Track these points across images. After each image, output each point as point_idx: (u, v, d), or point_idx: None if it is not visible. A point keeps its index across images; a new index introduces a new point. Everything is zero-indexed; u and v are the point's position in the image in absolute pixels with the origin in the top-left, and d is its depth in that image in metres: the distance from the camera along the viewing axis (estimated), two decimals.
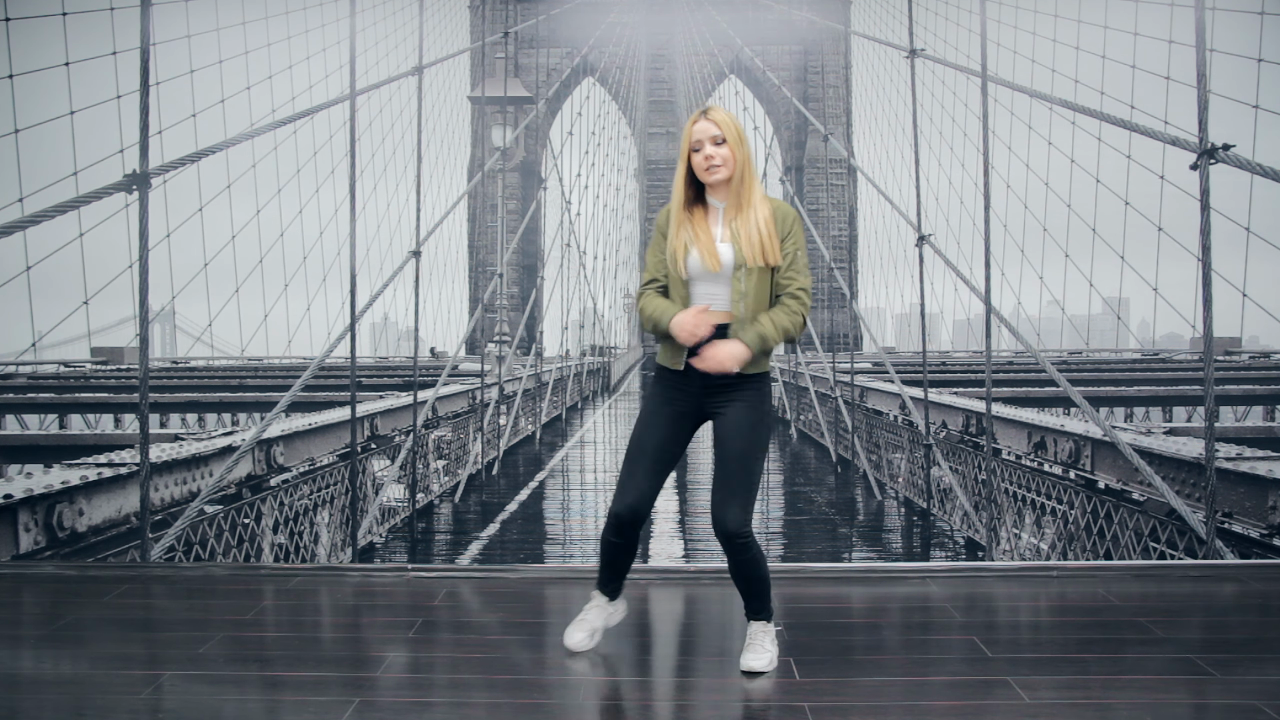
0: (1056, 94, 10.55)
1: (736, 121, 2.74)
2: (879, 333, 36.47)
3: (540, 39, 35.43)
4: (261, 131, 8.47)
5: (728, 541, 2.68)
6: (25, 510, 4.90)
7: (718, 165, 2.69)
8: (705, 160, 2.70)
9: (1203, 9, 4.68)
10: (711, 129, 2.70)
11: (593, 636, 2.84)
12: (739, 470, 2.69)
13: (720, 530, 2.68)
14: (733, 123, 2.72)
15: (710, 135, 2.70)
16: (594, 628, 2.85)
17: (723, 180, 2.72)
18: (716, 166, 2.69)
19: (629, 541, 2.79)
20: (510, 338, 19.80)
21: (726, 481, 2.69)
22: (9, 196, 6.66)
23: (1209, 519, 4.63)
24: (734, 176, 2.73)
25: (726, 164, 2.70)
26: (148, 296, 4.95)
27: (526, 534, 11.54)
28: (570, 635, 2.84)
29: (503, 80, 27.75)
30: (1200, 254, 4.67)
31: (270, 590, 3.67)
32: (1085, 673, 2.67)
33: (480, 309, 25.46)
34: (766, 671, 2.67)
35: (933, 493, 11.31)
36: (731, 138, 2.70)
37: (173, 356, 38.90)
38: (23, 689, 2.67)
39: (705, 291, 2.71)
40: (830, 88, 36.16)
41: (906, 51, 9.86)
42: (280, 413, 7.22)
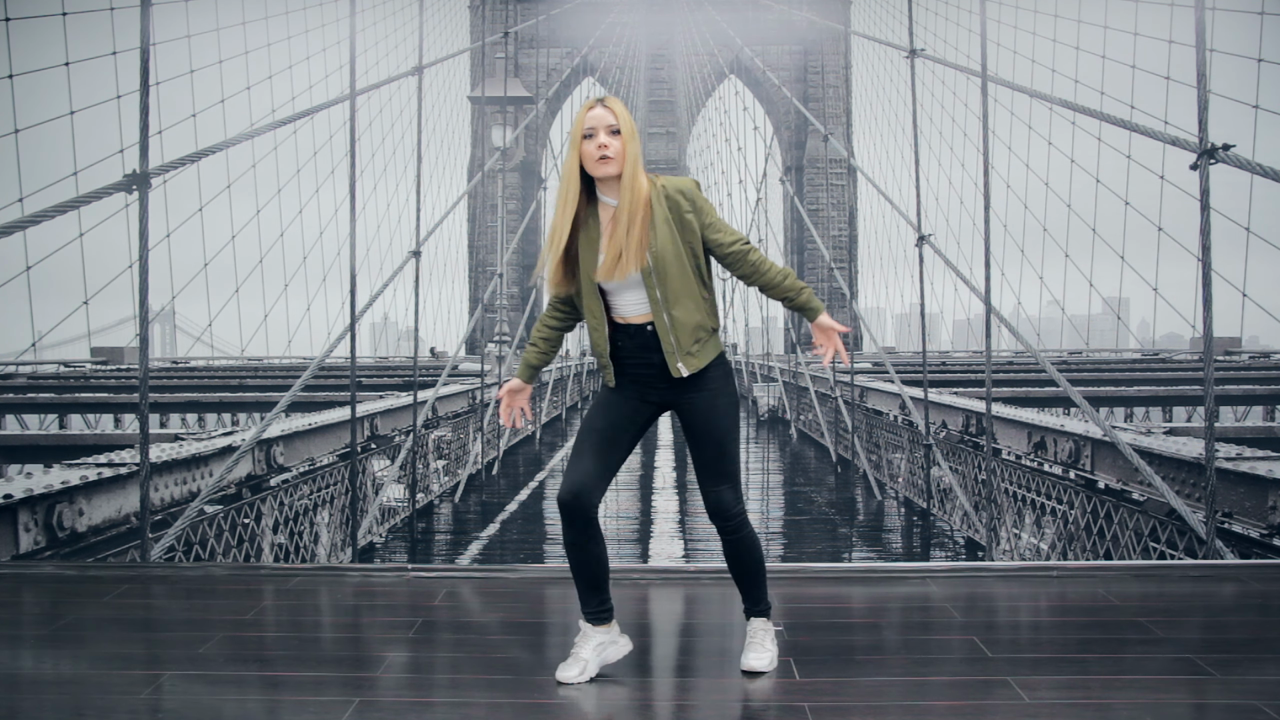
0: (1056, 94, 10.55)
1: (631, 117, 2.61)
2: (879, 333, 36.46)
3: (540, 39, 35.42)
4: (261, 131, 8.47)
5: (726, 523, 2.64)
6: (25, 510, 4.91)
7: (609, 156, 2.53)
8: (598, 149, 2.52)
9: (1203, 9, 4.68)
10: (608, 117, 2.55)
11: (585, 670, 2.63)
12: (722, 454, 2.65)
13: (718, 513, 2.64)
14: (628, 116, 2.59)
15: (606, 124, 2.54)
16: (583, 660, 2.64)
17: (612, 175, 2.55)
18: (608, 157, 2.53)
19: (585, 537, 2.60)
20: (510, 338, 19.80)
21: (713, 466, 2.64)
22: (9, 196, 6.65)
23: (1209, 519, 4.63)
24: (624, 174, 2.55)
25: (618, 158, 2.54)
26: (148, 296, 4.95)
27: (526, 534, 11.54)
28: (563, 671, 2.64)
29: (503, 80, 27.76)
30: (1200, 254, 4.67)
31: (270, 590, 3.66)
32: (1085, 673, 2.67)
33: (480, 309, 25.45)
34: (768, 672, 2.65)
35: (933, 493, 11.31)
36: (626, 130, 2.55)
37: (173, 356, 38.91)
38: (23, 689, 2.67)
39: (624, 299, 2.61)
40: (830, 88, 36.15)
41: (906, 51, 9.86)
42: (280, 413, 7.22)
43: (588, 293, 2.61)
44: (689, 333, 2.60)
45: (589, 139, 2.55)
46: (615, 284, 2.58)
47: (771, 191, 26.82)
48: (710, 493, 2.65)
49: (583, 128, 2.56)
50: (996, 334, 7.83)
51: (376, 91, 14.61)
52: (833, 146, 20.79)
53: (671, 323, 2.58)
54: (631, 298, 2.60)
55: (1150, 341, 22.43)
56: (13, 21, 7.28)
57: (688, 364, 2.60)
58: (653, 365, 2.62)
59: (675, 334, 2.58)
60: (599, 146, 2.53)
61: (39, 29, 7.62)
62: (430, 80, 25.65)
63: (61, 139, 7.88)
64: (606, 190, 2.60)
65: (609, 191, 2.59)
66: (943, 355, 26.67)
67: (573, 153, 2.58)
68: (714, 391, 2.65)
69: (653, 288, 2.56)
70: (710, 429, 2.64)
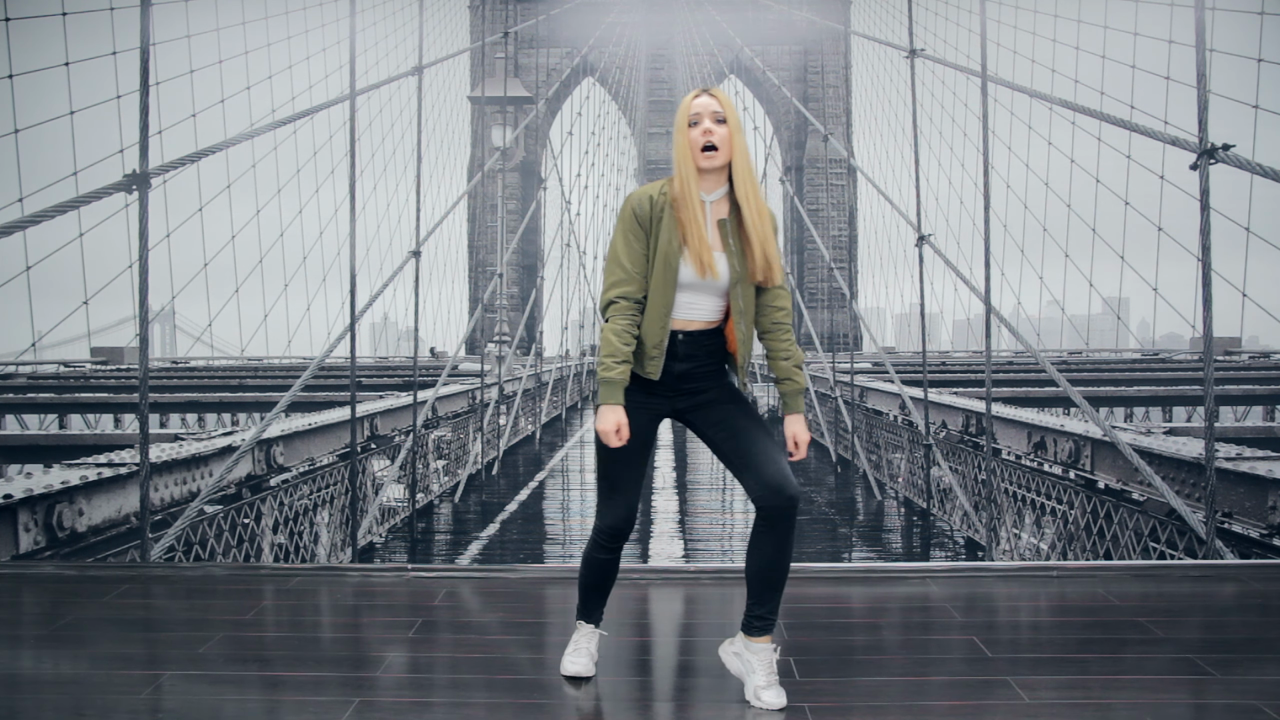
0: (1056, 94, 10.55)
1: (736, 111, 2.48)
2: (879, 333, 36.45)
3: (540, 39, 35.42)
4: (261, 131, 8.47)
5: (792, 504, 2.43)
6: (25, 510, 4.91)
7: (715, 146, 2.40)
8: (703, 135, 2.40)
9: (1203, 9, 4.68)
10: (713, 104, 2.43)
11: (591, 661, 2.65)
12: (769, 440, 2.49)
13: (787, 495, 2.41)
14: (734, 108, 2.46)
15: (711, 111, 2.42)
16: (591, 653, 2.66)
17: (716, 167, 2.43)
18: (714, 147, 2.40)
19: (617, 557, 2.63)
20: (510, 338, 19.81)
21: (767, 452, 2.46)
22: (9, 196, 6.65)
23: (1209, 519, 4.63)
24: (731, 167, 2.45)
25: (724, 147, 2.42)
26: (148, 296, 4.95)
27: (526, 534, 11.54)
28: (575, 663, 2.63)
29: (503, 80, 27.75)
30: (1200, 254, 4.67)
31: (270, 590, 3.67)
32: (1085, 673, 2.67)
33: (480, 309, 25.45)
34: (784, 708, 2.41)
35: (933, 493, 11.31)
36: (733, 122, 2.43)
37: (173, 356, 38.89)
38: (23, 689, 2.67)
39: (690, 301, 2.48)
40: (830, 88, 36.13)
41: (906, 51, 9.86)
42: (280, 413, 7.22)
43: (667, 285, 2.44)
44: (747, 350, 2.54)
45: (694, 127, 2.43)
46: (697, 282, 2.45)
47: (771, 191, 26.84)
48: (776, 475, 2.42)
49: (688, 115, 2.44)
50: (996, 334, 7.83)
51: (376, 91, 14.62)
52: (833, 146, 20.80)
53: (745, 336, 2.50)
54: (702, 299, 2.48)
55: (1150, 341, 22.43)
56: (13, 21, 7.28)
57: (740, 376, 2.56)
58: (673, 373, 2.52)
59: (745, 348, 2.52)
60: (704, 133, 2.41)
61: (39, 29, 7.62)
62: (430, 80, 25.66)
63: (61, 139, 7.88)
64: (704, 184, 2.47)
65: (705, 186, 2.47)
66: (943, 355, 26.66)
67: (681, 139, 2.44)
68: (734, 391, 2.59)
69: (737, 299, 2.47)
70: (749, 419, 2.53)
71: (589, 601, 2.68)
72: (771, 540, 2.46)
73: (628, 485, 2.56)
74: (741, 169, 2.45)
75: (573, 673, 2.64)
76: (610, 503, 2.56)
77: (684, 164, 2.44)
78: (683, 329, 2.50)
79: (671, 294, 2.45)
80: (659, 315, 2.46)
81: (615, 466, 2.54)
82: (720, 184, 2.47)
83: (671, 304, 2.46)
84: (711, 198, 2.47)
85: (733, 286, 2.46)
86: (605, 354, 2.46)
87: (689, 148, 2.42)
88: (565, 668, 2.65)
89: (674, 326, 2.49)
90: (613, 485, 2.56)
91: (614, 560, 2.63)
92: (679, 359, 2.50)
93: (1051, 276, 15.46)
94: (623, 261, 2.46)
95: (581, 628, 2.70)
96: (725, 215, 2.48)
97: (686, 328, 2.50)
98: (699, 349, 2.51)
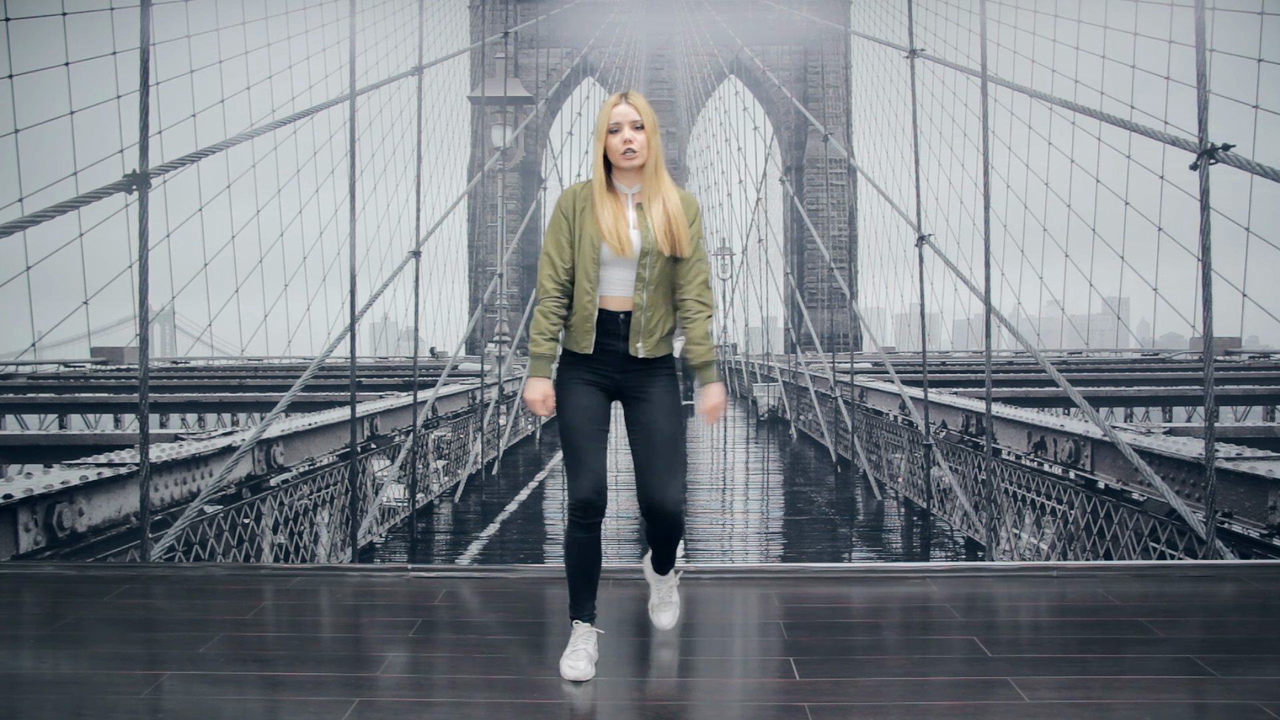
0: (1056, 94, 10.55)
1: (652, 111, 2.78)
2: (879, 333, 36.43)
3: (540, 39, 35.39)
4: (261, 131, 8.48)
5: (669, 518, 2.76)
6: (25, 510, 4.91)
7: (635, 151, 2.71)
8: (623, 144, 2.71)
9: (1203, 9, 4.68)
10: (632, 114, 2.73)
11: (591, 663, 2.71)
12: (672, 451, 2.77)
13: (663, 510, 2.75)
14: (650, 111, 2.76)
15: (630, 119, 2.72)
16: (590, 654, 2.72)
17: (635, 166, 2.74)
18: (634, 152, 2.71)
19: (595, 536, 2.76)
20: (510, 338, 19.80)
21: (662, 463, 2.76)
22: (9, 196, 6.65)
23: (1209, 519, 4.63)
24: (646, 164, 2.75)
25: (642, 151, 2.72)
26: (148, 296, 4.94)
27: (526, 534, 11.54)
28: (574, 666, 2.69)
29: (503, 80, 27.76)
30: (1200, 254, 4.67)
31: (270, 590, 3.66)
32: (1085, 673, 2.67)
33: (480, 309, 25.44)
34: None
35: (933, 493, 11.31)
36: (649, 125, 2.73)
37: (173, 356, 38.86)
38: (23, 689, 2.67)
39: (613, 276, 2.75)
40: (830, 88, 36.10)
41: (906, 51, 9.85)
42: (280, 413, 7.22)
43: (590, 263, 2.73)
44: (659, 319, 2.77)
45: (614, 134, 2.73)
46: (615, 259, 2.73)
47: (771, 191, 26.82)
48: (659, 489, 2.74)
49: (608, 123, 2.73)
50: (996, 334, 7.83)
51: (376, 91, 14.62)
52: (833, 146, 20.80)
53: (648, 303, 2.75)
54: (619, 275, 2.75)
55: (1150, 341, 22.42)
56: (13, 21, 7.28)
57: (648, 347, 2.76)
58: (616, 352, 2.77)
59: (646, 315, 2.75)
60: (624, 141, 2.71)
61: (39, 29, 7.61)
62: (430, 80, 25.66)
63: (61, 139, 7.88)
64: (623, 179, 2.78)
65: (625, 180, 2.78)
66: (943, 355, 26.64)
67: (599, 145, 2.75)
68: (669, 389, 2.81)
69: (644, 269, 2.73)
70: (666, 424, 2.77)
71: (578, 594, 2.79)
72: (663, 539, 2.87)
73: (591, 461, 2.73)
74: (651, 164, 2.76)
75: (572, 677, 2.66)
76: (577, 479, 2.73)
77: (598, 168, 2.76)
78: (622, 309, 2.76)
79: (595, 271, 2.74)
80: (585, 292, 2.74)
81: (577, 438, 2.75)
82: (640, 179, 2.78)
83: (596, 281, 2.74)
84: (633, 190, 2.78)
85: (642, 256, 2.73)
86: (534, 332, 2.79)
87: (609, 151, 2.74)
88: (564, 671, 2.68)
89: (612, 306, 2.75)
90: (577, 458, 2.75)
91: (592, 540, 2.76)
92: (620, 337, 2.76)
93: (1051, 276, 15.47)
94: (549, 253, 2.83)
95: (578, 628, 2.74)
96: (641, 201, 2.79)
97: (623, 306, 2.76)
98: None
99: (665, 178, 2.79)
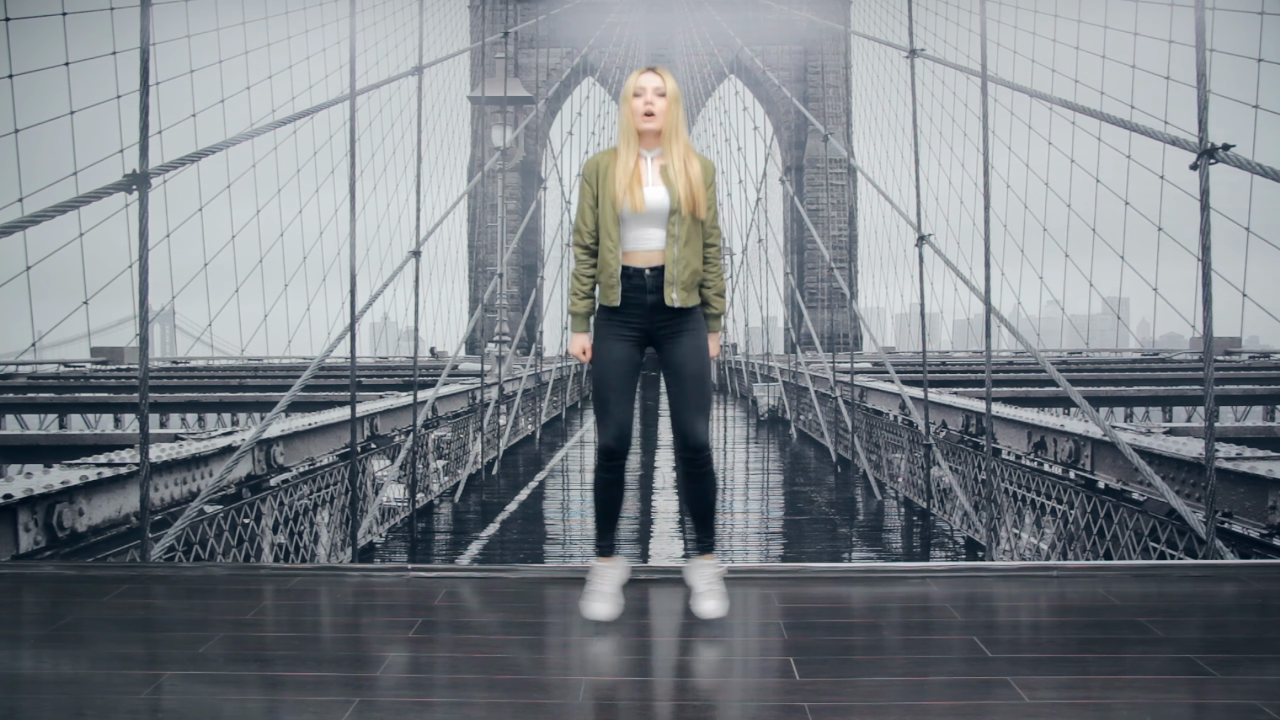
0: (1056, 94, 10.54)
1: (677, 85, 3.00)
2: (879, 333, 36.47)
3: (540, 39, 35.41)
4: (261, 131, 8.46)
5: (697, 454, 2.99)
6: (25, 510, 4.90)
7: (654, 114, 2.92)
8: (644, 105, 2.91)
9: (1203, 9, 4.68)
10: (656, 80, 2.94)
11: (614, 605, 2.97)
12: (700, 389, 3.01)
13: (691, 444, 2.99)
14: (675, 84, 2.98)
15: (654, 86, 2.94)
16: (612, 594, 2.99)
17: (653, 130, 2.95)
18: (652, 114, 2.92)
19: (619, 475, 3.08)
20: (510, 338, 19.80)
21: (691, 400, 3.00)
22: (9, 196, 6.66)
23: (1209, 519, 4.63)
24: (665, 130, 2.95)
25: (660, 116, 2.94)
26: (148, 296, 4.94)
27: (526, 534, 11.53)
28: (597, 608, 2.94)
29: (503, 80, 27.75)
30: (1200, 254, 4.66)
31: (270, 590, 3.66)
32: (1085, 673, 2.67)
33: (480, 309, 25.43)
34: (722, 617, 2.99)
35: (933, 493, 11.31)
36: (671, 95, 2.94)
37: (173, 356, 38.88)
38: (23, 689, 2.67)
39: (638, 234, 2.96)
40: (830, 88, 36.13)
41: (906, 51, 9.85)
42: (280, 413, 7.21)
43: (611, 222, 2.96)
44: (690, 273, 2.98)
45: (637, 98, 2.95)
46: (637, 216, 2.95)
47: (771, 191, 26.80)
48: (688, 423, 2.99)
49: (634, 88, 2.96)
50: (996, 334, 7.83)
51: (376, 91, 14.63)
52: (833, 146, 20.77)
53: (679, 257, 2.95)
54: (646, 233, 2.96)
55: (1150, 341, 22.43)
56: (13, 21, 7.28)
57: (681, 297, 2.97)
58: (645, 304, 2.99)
59: (678, 267, 2.95)
60: (646, 104, 2.93)
61: (39, 29, 7.62)
62: (430, 80, 25.67)
63: (61, 139, 7.88)
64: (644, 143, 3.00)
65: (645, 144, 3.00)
66: (943, 355, 26.65)
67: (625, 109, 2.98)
68: (695, 331, 3.04)
69: (673, 225, 2.94)
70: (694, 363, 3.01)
71: (602, 528, 3.16)
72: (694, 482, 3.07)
73: (618, 409, 3.02)
74: (670, 130, 2.99)
75: (595, 616, 2.92)
76: (604, 425, 3.03)
77: (625, 127, 2.99)
78: (647, 264, 2.98)
79: (616, 229, 2.96)
80: (609, 250, 2.97)
81: (605, 392, 3.02)
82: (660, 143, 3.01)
83: (618, 239, 2.96)
84: (653, 153, 3.01)
85: (670, 215, 2.96)
86: (570, 294, 3.11)
87: (631, 114, 2.97)
88: (586, 611, 2.95)
89: (637, 263, 2.98)
90: (604, 409, 3.03)
91: (616, 480, 3.09)
92: (648, 290, 2.98)
93: (1051, 276, 15.49)
94: (578, 220, 3.08)
95: (596, 567, 3.08)
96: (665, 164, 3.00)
97: (650, 262, 2.98)
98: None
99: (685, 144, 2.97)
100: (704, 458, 3.00)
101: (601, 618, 2.90)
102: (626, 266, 2.97)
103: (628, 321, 3.00)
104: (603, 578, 3.04)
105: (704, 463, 3.01)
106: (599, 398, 3.04)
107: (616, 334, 3.01)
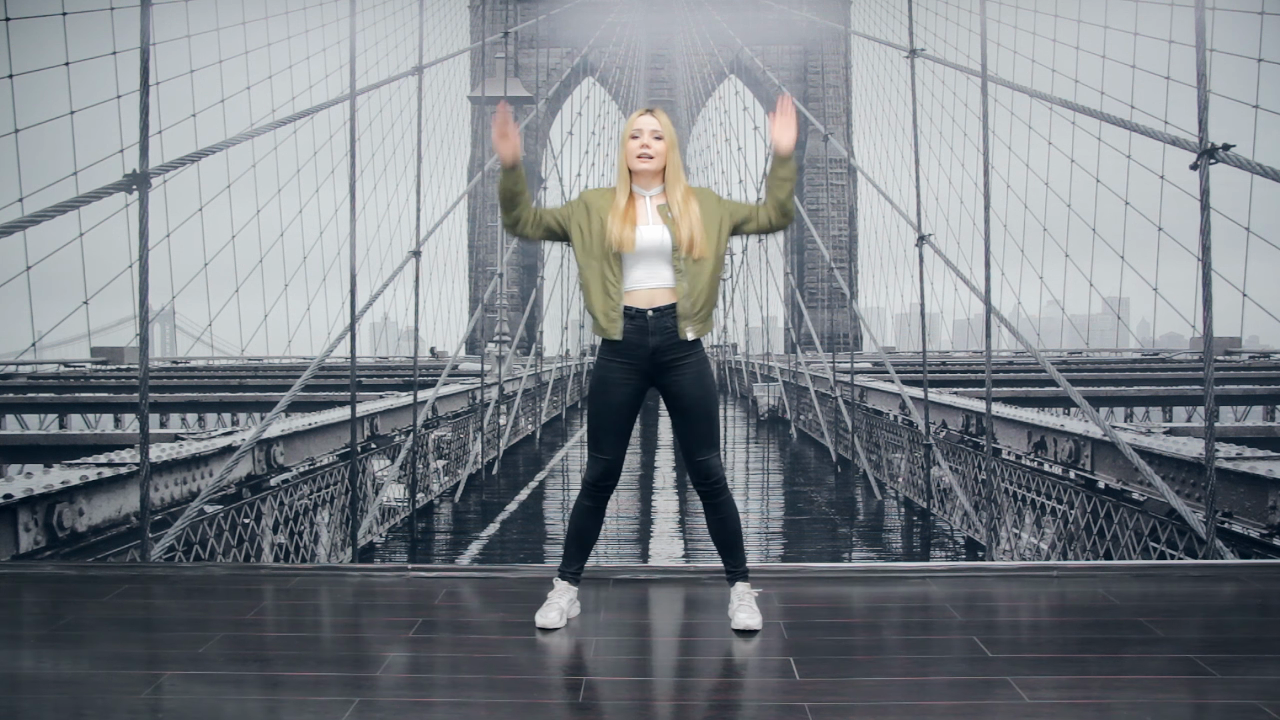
0: (1056, 94, 10.54)
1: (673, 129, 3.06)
2: (879, 333, 36.44)
3: (540, 39, 35.40)
4: (261, 131, 8.47)
5: (713, 487, 3.02)
6: (25, 510, 4.91)
7: (650, 156, 2.97)
8: (640, 147, 2.97)
9: (1203, 9, 4.68)
10: (653, 124, 3.00)
11: (562, 616, 3.02)
12: (710, 428, 3.03)
13: (707, 479, 3.02)
14: (671, 127, 3.04)
15: (651, 128, 3.00)
16: (562, 609, 3.03)
17: (649, 170, 2.99)
18: (649, 156, 2.97)
19: (600, 507, 3.09)
20: (510, 338, 19.81)
21: (705, 441, 3.02)
22: (9, 196, 6.66)
23: (1209, 519, 4.63)
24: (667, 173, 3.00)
25: (658, 158, 2.98)
26: (148, 296, 4.94)
27: (526, 534, 11.54)
28: (544, 616, 3.01)
29: (503, 80, 27.76)
30: (1200, 254, 4.66)
31: (270, 590, 3.66)
32: (1085, 673, 2.66)
33: (480, 309, 25.43)
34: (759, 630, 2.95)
35: (933, 493, 11.31)
36: (668, 138, 3.00)
37: (173, 356, 38.87)
38: (23, 689, 2.67)
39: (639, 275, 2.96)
40: (830, 88, 36.14)
41: (906, 51, 9.85)
42: (280, 413, 7.21)
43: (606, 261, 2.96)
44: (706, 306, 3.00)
45: (634, 139, 3.00)
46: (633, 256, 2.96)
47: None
48: (702, 460, 3.01)
49: (631, 130, 3.02)
50: (996, 334, 7.83)
51: (376, 91, 14.62)
52: (833, 146, 20.79)
53: (689, 292, 2.96)
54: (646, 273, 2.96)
55: (1150, 341, 22.43)
56: (13, 21, 7.28)
57: (696, 330, 2.97)
58: (646, 345, 2.97)
59: (688, 302, 2.95)
60: (641, 145, 2.98)
61: (39, 29, 7.62)
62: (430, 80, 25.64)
63: (61, 139, 7.88)
64: (639, 182, 3.03)
65: (640, 183, 3.03)
66: (943, 355, 26.66)
67: (623, 151, 3.04)
68: (700, 368, 3.02)
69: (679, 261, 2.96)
70: (703, 399, 3.01)
71: (569, 553, 3.11)
72: (717, 515, 3.07)
73: (610, 450, 3.03)
74: (670, 173, 3.03)
75: (542, 624, 2.98)
76: (594, 461, 3.05)
77: (622, 169, 3.04)
78: (650, 304, 2.96)
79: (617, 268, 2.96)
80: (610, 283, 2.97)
81: (601, 433, 3.03)
82: (658, 183, 3.04)
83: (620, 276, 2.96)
84: (651, 192, 3.03)
85: (674, 253, 2.97)
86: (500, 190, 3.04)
87: (627, 155, 3.02)
88: (537, 619, 3.00)
89: (639, 303, 2.96)
90: (598, 447, 3.04)
91: (596, 510, 3.09)
92: (650, 332, 2.96)
93: (1051, 276, 15.48)
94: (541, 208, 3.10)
95: (557, 585, 3.09)
96: (663, 203, 3.03)
97: (653, 302, 2.96)
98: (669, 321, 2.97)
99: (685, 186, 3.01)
100: (720, 485, 3.04)
101: (551, 625, 2.99)
102: (629, 307, 2.96)
103: (629, 363, 2.99)
104: (559, 593, 3.08)
105: (721, 489, 3.05)
106: (594, 436, 3.05)
107: (620, 377, 3.00)
